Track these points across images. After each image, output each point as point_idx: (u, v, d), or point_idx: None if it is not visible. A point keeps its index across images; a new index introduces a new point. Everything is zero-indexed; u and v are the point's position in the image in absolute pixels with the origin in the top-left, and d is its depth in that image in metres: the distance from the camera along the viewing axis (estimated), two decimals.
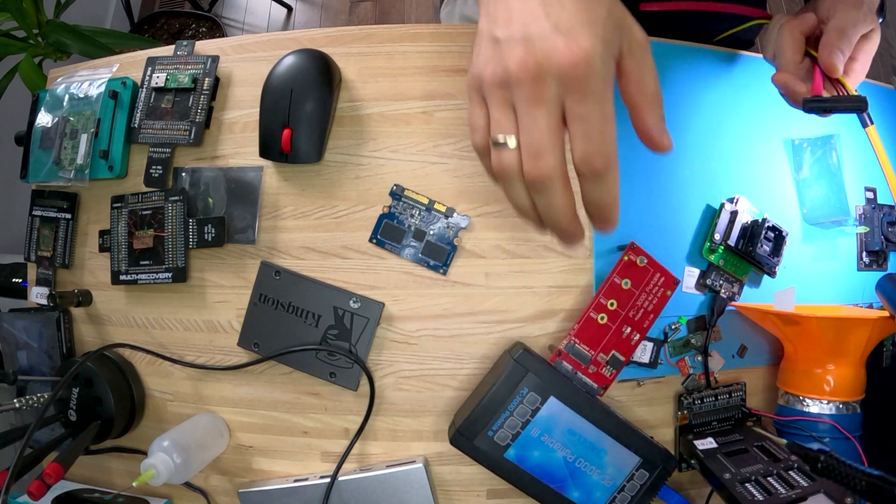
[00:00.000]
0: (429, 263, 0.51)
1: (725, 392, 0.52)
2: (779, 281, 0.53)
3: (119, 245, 0.53)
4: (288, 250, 0.52)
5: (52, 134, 0.55)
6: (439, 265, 0.50)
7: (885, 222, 0.56)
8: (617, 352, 0.47)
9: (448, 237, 0.51)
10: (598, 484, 0.45)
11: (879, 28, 0.48)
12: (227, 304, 0.52)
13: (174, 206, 0.52)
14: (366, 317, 0.50)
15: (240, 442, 0.52)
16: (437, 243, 0.51)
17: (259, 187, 0.53)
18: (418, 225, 0.51)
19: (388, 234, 0.51)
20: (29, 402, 0.48)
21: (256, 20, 1.89)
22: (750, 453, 0.47)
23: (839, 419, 0.46)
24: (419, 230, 0.51)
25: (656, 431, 0.51)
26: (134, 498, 0.52)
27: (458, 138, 0.52)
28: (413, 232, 0.51)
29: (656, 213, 0.52)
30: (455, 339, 0.51)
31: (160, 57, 0.55)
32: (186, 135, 0.53)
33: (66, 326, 0.54)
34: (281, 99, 0.49)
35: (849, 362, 0.47)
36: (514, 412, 0.44)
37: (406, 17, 1.85)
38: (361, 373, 0.50)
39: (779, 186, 0.55)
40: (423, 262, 0.51)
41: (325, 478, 0.49)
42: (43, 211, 0.56)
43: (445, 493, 0.51)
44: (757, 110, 0.56)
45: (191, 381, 0.53)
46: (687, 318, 0.52)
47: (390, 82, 0.53)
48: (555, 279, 0.51)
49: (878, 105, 0.59)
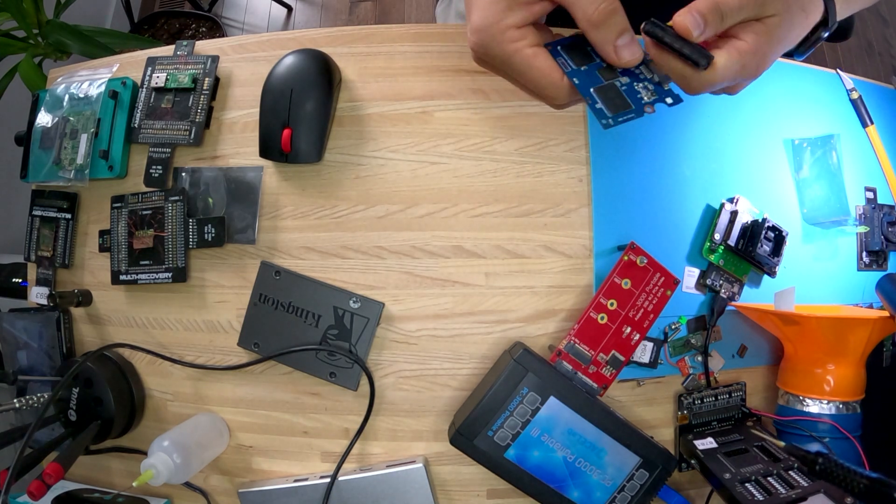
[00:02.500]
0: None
1: (725, 392, 0.52)
2: (779, 281, 0.53)
3: (119, 245, 0.53)
4: (288, 250, 0.52)
5: (52, 134, 0.55)
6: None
7: (885, 222, 0.56)
8: (617, 352, 0.47)
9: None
10: (598, 484, 0.45)
11: (793, 16, 0.38)
12: (227, 304, 0.52)
13: (174, 206, 0.52)
14: (366, 317, 0.50)
15: (240, 442, 0.53)
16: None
17: (259, 187, 0.53)
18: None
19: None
20: (29, 402, 0.48)
21: (256, 20, 1.89)
22: (750, 453, 0.47)
23: (839, 419, 0.46)
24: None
25: (656, 431, 0.51)
26: (134, 498, 0.52)
27: (458, 138, 0.52)
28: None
29: (656, 213, 0.52)
30: (455, 339, 0.51)
31: (160, 57, 0.55)
32: (186, 135, 0.53)
33: (66, 326, 0.54)
34: (281, 99, 0.49)
35: (849, 362, 0.47)
36: (514, 412, 0.44)
37: (406, 17, 1.85)
38: (361, 373, 0.50)
39: (779, 186, 0.55)
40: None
41: (325, 478, 0.49)
42: (43, 211, 0.56)
43: (445, 493, 0.51)
44: (757, 110, 0.56)
45: (191, 381, 0.53)
46: (687, 318, 0.52)
47: (390, 82, 0.53)
48: (555, 279, 0.51)
49: (878, 105, 0.59)
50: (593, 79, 0.37)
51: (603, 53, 0.36)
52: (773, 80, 0.53)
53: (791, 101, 0.57)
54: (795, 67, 0.58)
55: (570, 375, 0.47)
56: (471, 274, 0.51)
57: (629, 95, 0.37)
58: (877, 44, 1.84)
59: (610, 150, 0.52)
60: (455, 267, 0.51)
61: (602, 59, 0.37)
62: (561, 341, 0.47)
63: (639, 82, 0.37)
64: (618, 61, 0.36)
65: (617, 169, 0.52)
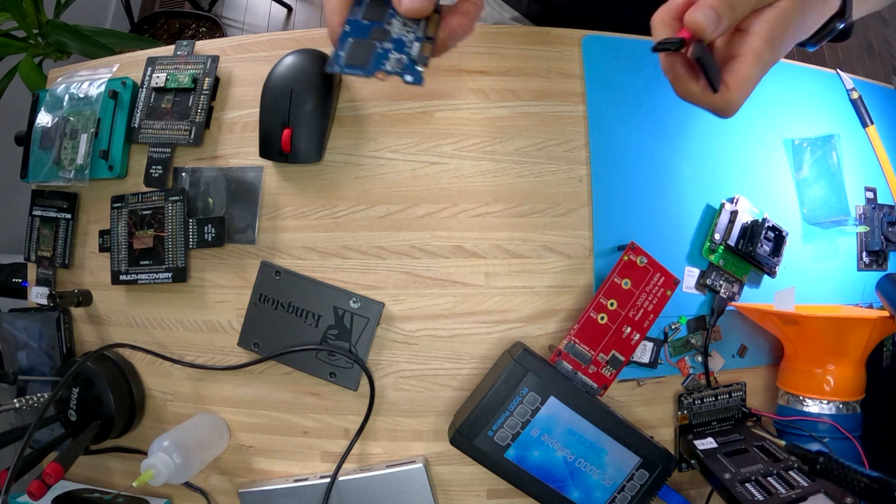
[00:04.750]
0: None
1: (725, 392, 0.52)
2: (779, 281, 0.53)
3: (119, 245, 0.53)
4: (288, 250, 0.52)
5: (52, 134, 0.55)
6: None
7: (885, 222, 0.56)
8: (617, 352, 0.47)
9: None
10: (598, 484, 0.45)
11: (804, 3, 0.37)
12: (227, 304, 0.52)
13: (174, 206, 0.52)
14: (366, 317, 0.50)
15: (240, 442, 0.53)
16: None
17: (259, 187, 0.53)
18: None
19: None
20: (29, 402, 0.48)
21: (256, 20, 1.89)
22: (750, 453, 0.47)
23: (839, 419, 0.47)
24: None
25: (656, 431, 0.52)
26: (134, 498, 0.52)
27: (458, 138, 0.52)
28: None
29: (656, 213, 0.52)
30: (455, 339, 0.51)
31: (160, 57, 0.55)
32: (186, 135, 0.53)
33: (66, 326, 0.54)
34: (281, 99, 0.49)
35: (849, 362, 0.47)
36: (514, 412, 0.44)
37: None
38: (361, 373, 0.50)
39: (779, 186, 0.55)
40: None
41: (325, 478, 0.49)
42: (43, 211, 0.56)
43: (445, 493, 0.51)
44: (757, 110, 0.56)
45: (191, 381, 0.53)
46: (687, 318, 0.52)
47: (390, 82, 0.53)
48: (555, 279, 0.51)
49: (878, 105, 0.59)
50: (362, 32, 0.37)
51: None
52: (773, 80, 0.53)
53: (791, 101, 0.57)
54: (795, 67, 0.58)
55: (570, 375, 0.47)
56: (471, 274, 0.51)
57: (375, 59, 0.37)
58: (877, 44, 1.84)
59: (610, 150, 0.52)
60: (455, 267, 0.51)
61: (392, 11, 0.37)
62: (561, 341, 0.47)
63: (398, 52, 0.37)
64: (399, 6, 0.35)
65: (617, 169, 0.52)
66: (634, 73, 0.54)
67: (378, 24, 0.37)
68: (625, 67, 0.54)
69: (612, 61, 0.54)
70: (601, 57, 0.53)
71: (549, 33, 0.54)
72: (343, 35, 0.37)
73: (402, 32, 0.37)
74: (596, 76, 0.53)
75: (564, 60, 0.54)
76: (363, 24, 0.37)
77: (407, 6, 0.35)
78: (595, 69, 0.53)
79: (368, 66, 0.36)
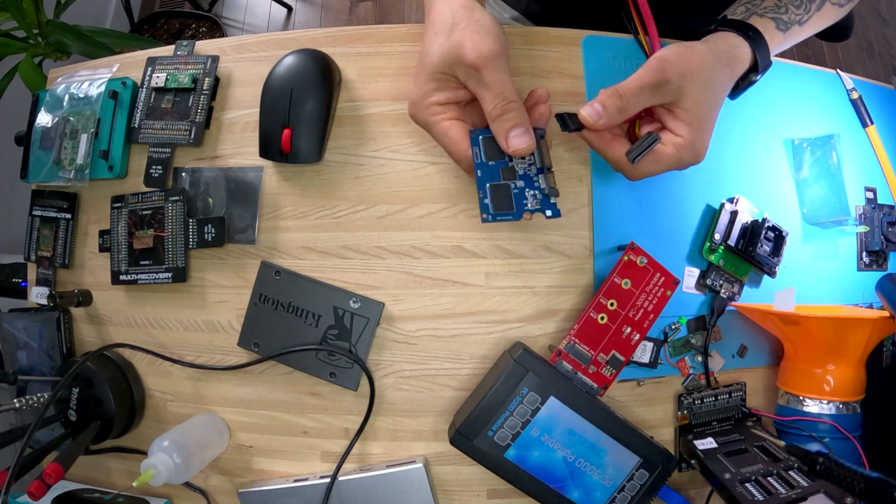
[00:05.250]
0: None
1: (725, 392, 0.52)
2: (779, 281, 0.53)
3: (119, 245, 0.53)
4: (288, 250, 0.52)
5: (52, 134, 0.55)
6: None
7: (885, 222, 0.56)
8: (617, 352, 0.47)
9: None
10: (598, 484, 0.45)
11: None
12: (227, 304, 0.52)
13: (174, 206, 0.52)
14: (366, 317, 0.50)
15: (240, 442, 0.53)
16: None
17: (259, 187, 0.53)
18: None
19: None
20: (29, 402, 0.48)
21: (256, 20, 1.89)
22: (750, 453, 0.47)
23: (839, 419, 0.47)
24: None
25: (656, 431, 0.51)
26: (134, 498, 0.52)
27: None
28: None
29: (656, 213, 0.52)
30: (455, 339, 0.51)
31: (160, 57, 0.55)
32: (186, 135, 0.53)
33: (66, 326, 0.54)
34: (281, 99, 0.49)
35: (849, 362, 0.47)
36: (514, 412, 0.44)
37: (406, 17, 1.85)
38: (361, 373, 0.50)
39: (779, 186, 0.55)
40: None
41: (325, 478, 0.49)
42: (43, 211, 0.56)
43: (445, 493, 0.51)
44: (757, 110, 0.56)
45: (191, 381, 0.53)
46: (687, 318, 0.52)
47: (390, 82, 0.53)
48: (555, 279, 0.51)
49: (878, 105, 0.59)
50: (494, 175, 0.43)
51: (497, 141, 0.42)
52: (773, 80, 0.53)
53: (791, 101, 0.57)
54: (795, 67, 0.58)
55: (570, 375, 0.47)
56: (471, 274, 0.51)
57: (516, 198, 0.43)
58: (877, 44, 1.84)
59: None
60: (455, 267, 0.51)
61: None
62: (561, 341, 0.47)
63: (532, 189, 0.43)
64: (507, 148, 0.42)
65: None
66: None
67: (503, 163, 0.43)
68: (625, 67, 0.54)
69: (612, 61, 0.54)
70: (601, 57, 0.53)
71: (549, 33, 0.54)
72: (479, 181, 0.42)
73: (525, 167, 0.44)
74: (596, 76, 0.53)
75: (564, 60, 0.54)
76: (490, 165, 0.43)
77: (515, 149, 0.41)
78: (595, 69, 0.53)
79: (515, 210, 0.43)
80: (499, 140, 0.42)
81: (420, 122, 0.44)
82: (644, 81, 0.41)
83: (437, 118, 0.43)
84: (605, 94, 0.41)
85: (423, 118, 0.44)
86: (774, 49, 0.48)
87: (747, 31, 0.47)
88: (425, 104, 0.43)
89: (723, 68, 0.45)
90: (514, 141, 0.41)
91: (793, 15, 0.49)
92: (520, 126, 0.41)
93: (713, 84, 0.44)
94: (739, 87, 0.49)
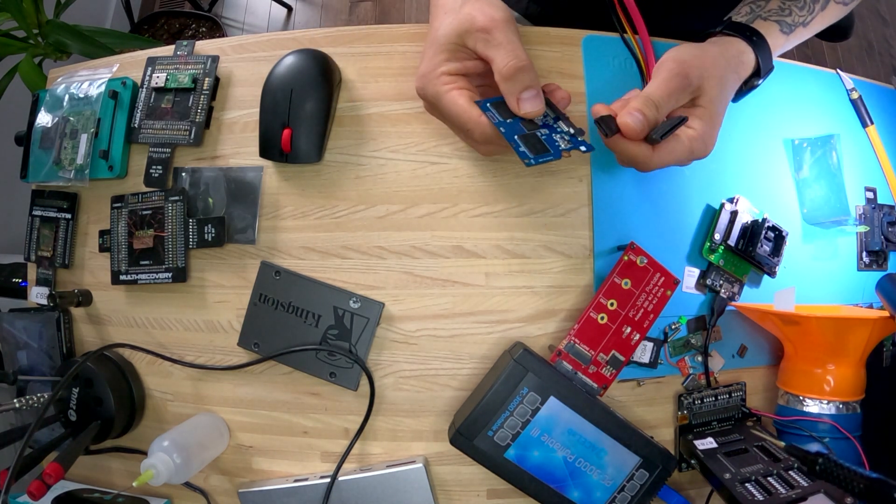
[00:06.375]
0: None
1: (725, 392, 0.52)
2: (779, 281, 0.53)
3: (119, 245, 0.53)
4: (288, 250, 0.52)
5: (52, 134, 0.55)
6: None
7: (885, 222, 0.56)
8: (617, 352, 0.47)
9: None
10: (598, 484, 0.45)
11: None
12: (227, 304, 0.52)
13: (174, 206, 0.52)
14: (366, 317, 0.50)
15: (240, 442, 0.53)
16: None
17: (259, 187, 0.53)
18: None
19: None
20: (29, 402, 0.48)
21: (256, 20, 1.89)
22: (750, 453, 0.47)
23: (839, 419, 0.46)
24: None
25: (656, 431, 0.51)
26: (134, 498, 0.52)
27: (458, 138, 0.52)
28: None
29: (656, 213, 0.52)
30: (455, 339, 0.51)
31: (160, 57, 0.55)
32: (186, 135, 0.53)
33: (66, 326, 0.54)
34: (281, 99, 0.49)
35: (849, 362, 0.47)
36: (514, 412, 0.44)
37: (406, 17, 1.85)
38: (361, 373, 0.50)
39: (779, 186, 0.55)
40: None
41: (325, 478, 0.49)
42: (43, 211, 0.56)
43: (445, 493, 0.51)
44: (757, 110, 0.56)
45: (191, 381, 0.53)
46: (687, 318, 0.52)
47: (390, 82, 0.53)
48: (555, 279, 0.51)
49: (878, 105, 0.59)
50: (517, 128, 0.42)
51: (508, 103, 0.42)
52: (773, 80, 0.53)
53: (791, 101, 0.57)
54: (795, 67, 0.58)
55: (570, 375, 0.47)
56: (471, 274, 0.51)
57: (549, 143, 0.42)
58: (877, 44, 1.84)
59: (610, 150, 0.52)
60: (455, 267, 0.51)
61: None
62: (561, 341, 0.47)
63: (556, 133, 0.43)
64: (518, 111, 0.41)
65: (617, 169, 0.52)
66: (634, 73, 0.54)
67: (520, 119, 0.43)
68: (625, 67, 0.54)
69: (612, 61, 0.54)
70: (601, 57, 0.53)
71: (549, 33, 0.54)
72: (507, 135, 0.41)
73: (541, 118, 0.43)
74: (596, 76, 0.53)
75: (564, 60, 0.54)
76: (509, 122, 0.42)
77: (527, 112, 0.41)
78: (595, 69, 0.53)
79: (551, 150, 0.42)
80: (509, 101, 0.41)
81: (429, 94, 0.43)
82: (672, 87, 0.42)
83: (447, 87, 0.42)
84: (640, 102, 0.41)
85: (432, 89, 0.43)
86: (777, 51, 0.49)
87: (751, 36, 0.47)
88: (435, 74, 0.43)
89: (732, 71, 0.46)
90: (525, 104, 0.41)
91: (796, 17, 0.50)
92: (532, 88, 0.41)
93: (726, 83, 0.45)
94: (742, 91, 0.50)
